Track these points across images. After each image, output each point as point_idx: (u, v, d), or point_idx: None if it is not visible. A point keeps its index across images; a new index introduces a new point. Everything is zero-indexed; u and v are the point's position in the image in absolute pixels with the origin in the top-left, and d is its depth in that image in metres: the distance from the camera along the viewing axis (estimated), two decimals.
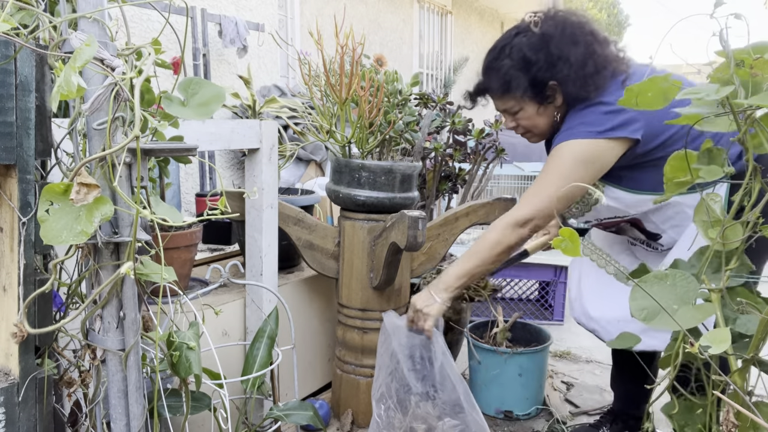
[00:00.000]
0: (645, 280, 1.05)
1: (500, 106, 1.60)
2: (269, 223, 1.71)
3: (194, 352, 1.08)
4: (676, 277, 1.04)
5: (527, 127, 1.59)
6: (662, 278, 1.05)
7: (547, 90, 1.50)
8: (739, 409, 0.89)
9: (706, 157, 1.07)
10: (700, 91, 0.96)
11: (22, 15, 1.00)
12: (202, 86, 1.01)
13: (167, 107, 0.97)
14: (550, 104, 1.53)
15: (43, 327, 0.96)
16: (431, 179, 2.36)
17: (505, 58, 1.51)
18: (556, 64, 1.46)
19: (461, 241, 3.29)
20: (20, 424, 0.97)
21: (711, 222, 1.06)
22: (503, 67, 1.50)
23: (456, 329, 2.27)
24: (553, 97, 1.52)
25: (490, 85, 1.56)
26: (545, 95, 1.51)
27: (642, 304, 1.03)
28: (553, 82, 1.48)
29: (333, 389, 2.00)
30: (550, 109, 1.54)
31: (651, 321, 1.01)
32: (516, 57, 1.49)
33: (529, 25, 1.51)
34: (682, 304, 1.01)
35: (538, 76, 1.48)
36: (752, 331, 0.98)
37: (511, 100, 1.54)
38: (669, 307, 1.00)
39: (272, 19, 4.58)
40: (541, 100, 1.52)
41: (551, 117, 1.56)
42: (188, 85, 1.00)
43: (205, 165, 3.74)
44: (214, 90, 1.01)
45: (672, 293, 1.02)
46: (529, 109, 1.54)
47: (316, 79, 1.88)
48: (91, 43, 0.85)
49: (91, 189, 0.87)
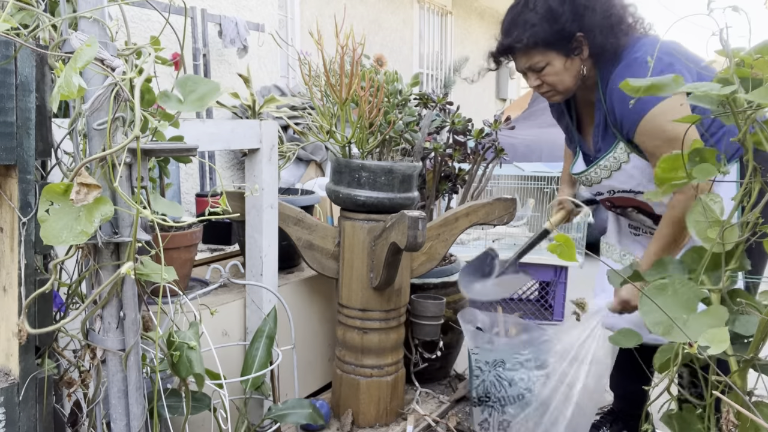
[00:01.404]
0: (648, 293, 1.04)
1: (525, 63, 1.57)
2: (269, 223, 1.72)
3: (195, 352, 1.09)
4: (675, 284, 1.03)
5: (553, 84, 1.56)
6: (663, 289, 1.04)
7: (574, 42, 1.49)
8: (739, 410, 0.89)
9: (697, 156, 1.07)
10: (703, 86, 0.96)
11: (22, 15, 1.00)
12: (199, 83, 1.01)
13: (165, 104, 0.98)
14: (576, 57, 1.52)
15: (43, 327, 0.96)
16: (431, 179, 2.36)
17: (529, 11, 1.49)
18: (583, 14, 1.45)
19: (461, 241, 3.30)
20: (20, 424, 0.97)
21: (710, 222, 1.06)
22: (529, 20, 1.48)
23: (456, 329, 2.27)
24: (581, 49, 1.51)
25: (516, 40, 1.53)
26: (572, 47, 1.50)
27: (656, 318, 1.01)
28: (580, 33, 1.48)
29: (333, 389, 2.00)
30: (576, 63, 1.53)
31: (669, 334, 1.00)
32: (541, 9, 1.48)
33: None
34: (689, 313, 1.00)
35: (566, 27, 1.47)
36: (751, 332, 0.98)
37: (538, 54, 1.52)
38: (679, 318, 0.99)
39: (272, 20, 4.58)
40: (568, 53, 1.51)
41: (578, 71, 1.54)
42: (185, 83, 1.00)
43: (205, 165, 3.74)
44: (209, 85, 1.02)
45: (676, 302, 1.01)
46: (557, 63, 1.52)
47: (316, 79, 1.88)
48: (92, 44, 0.85)
49: (92, 189, 0.87)
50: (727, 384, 0.97)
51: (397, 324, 1.91)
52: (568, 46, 1.50)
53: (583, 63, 1.54)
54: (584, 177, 1.70)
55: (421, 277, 2.15)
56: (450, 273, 2.27)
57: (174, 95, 0.98)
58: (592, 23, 1.46)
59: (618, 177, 1.61)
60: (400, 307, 1.91)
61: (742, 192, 1.03)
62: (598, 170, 1.63)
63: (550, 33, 1.48)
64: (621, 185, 1.63)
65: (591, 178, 1.67)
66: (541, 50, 1.51)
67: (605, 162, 1.60)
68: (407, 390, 2.16)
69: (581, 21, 1.46)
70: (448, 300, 2.19)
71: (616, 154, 1.56)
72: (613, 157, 1.57)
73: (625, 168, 1.57)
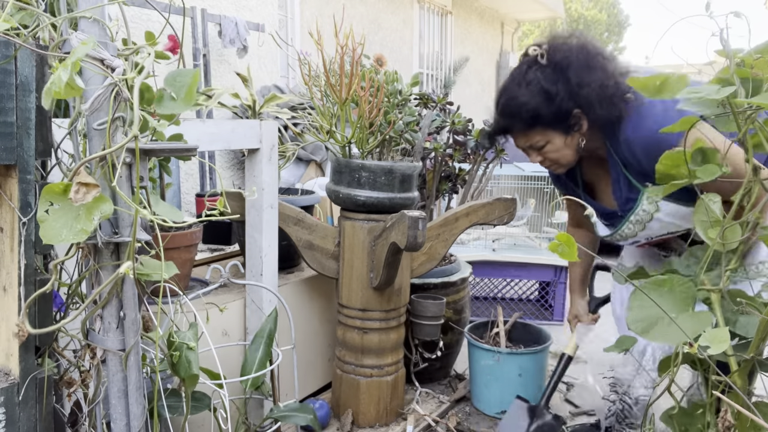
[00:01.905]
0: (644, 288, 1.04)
1: (524, 142, 1.56)
2: (269, 223, 1.71)
3: (193, 353, 1.09)
4: (674, 282, 1.03)
5: (555, 159, 1.56)
6: (660, 284, 1.04)
7: (572, 119, 1.47)
8: (739, 410, 0.89)
9: (700, 156, 1.07)
10: (701, 90, 0.96)
11: (22, 15, 1.00)
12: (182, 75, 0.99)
13: (159, 106, 0.97)
14: (576, 132, 1.50)
15: (44, 327, 0.96)
16: (431, 179, 2.37)
17: (524, 92, 1.47)
18: (578, 92, 1.43)
19: (461, 241, 3.30)
20: (20, 424, 0.97)
21: (711, 222, 1.06)
22: (525, 102, 1.47)
23: (456, 329, 2.27)
24: (579, 125, 1.49)
25: (513, 123, 1.52)
26: (571, 124, 1.48)
27: (638, 315, 1.02)
28: (577, 110, 1.46)
29: (333, 389, 2.00)
30: (576, 137, 1.52)
31: (647, 334, 1.00)
32: (535, 90, 1.46)
33: (536, 58, 1.48)
34: (680, 312, 1.00)
35: (563, 106, 1.45)
36: (751, 333, 0.98)
37: (537, 135, 1.51)
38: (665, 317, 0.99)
39: (272, 20, 4.58)
40: (567, 130, 1.49)
41: (577, 145, 1.53)
42: (174, 78, 0.99)
43: (205, 165, 3.73)
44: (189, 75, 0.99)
45: (670, 300, 1.02)
46: (557, 140, 1.51)
47: (316, 79, 1.88)
48: (87, 42, 0.85)
49: (91, 188, 0.87)
50: (727, 384, 0.97)
51: (397, 324, 1.91)
52: (567, 123, 1.48)
53: (582, 137, 1.52)
54: (617, 236, 1.64)
55: (421, 277, 2.15)
56: (450, 273, 2.28)
57: (167, 94, 0.98)
58: (589, 99, 1.43)
59: (653, 226, 1.56)
60: (400, 307, 1.91)
61: (742, 192, 1.03)
62: (630, 225, 1.58)
63: (547, 113, 1.46)
64: (658, 232, 1.59)
65: (625, 235, 1.62)
66: (540, 130, 1.50)
67: (635, 217, 1.55)
68: (407, 390, 2.16)
69: (577, 98, 1.44)
70: (448, 300, 2.19)
71: (644, 206, 1.51)
72: (642, 210, 1.53)
73: (657, 217, 1.52)
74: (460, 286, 2.30)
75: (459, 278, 2.28)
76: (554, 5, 9.31)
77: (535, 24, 21.78)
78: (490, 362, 2.07)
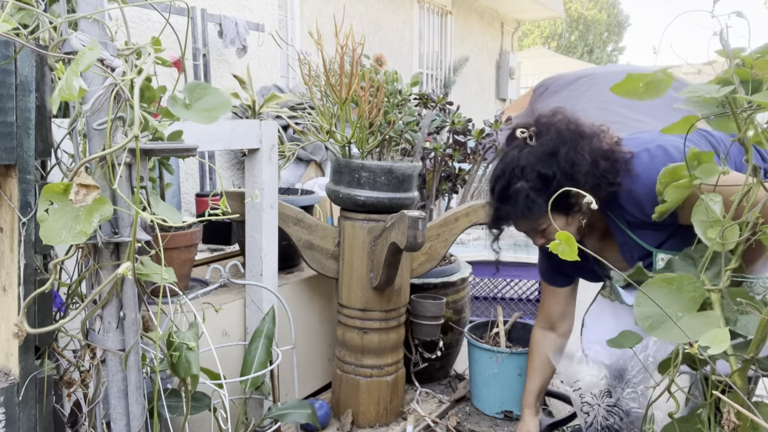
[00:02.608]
0: (650, 284, 1.04)
1: (524, 227, 1.54)
2: (269, 223, 1.71)
3: (193, 353, 1.09)
4: (682, 282, 1.03)
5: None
6: (668, 283, 1.03)
7: (571, 200, 1.44)
8: (739, 410, 0.89)
9: (696, 161, 1.07)
10: (700, 90, 0.96)
11: (22, 15, 1.00)
12: (208, 92, 0.99)
13: (171, 107, 0.97)
14: (576, 212, 1.49)
15: (43, 327, 0.96)
16: (431, 179, 2.37)
17: (519, 180, 1.45)
18: (573, 174, 1.41)
19: (461, 241, 3.29)
20: (20, 424, 0.97)
21: (710, 222, 1.06)
22: (521, 191, 1.44)
23: (456, 329, 2.27)
24: (579, 204, 1.47)
25: (511, 211, 1.49)
26: (570, 204, 1.46)
27: (647, 311, 1.01)
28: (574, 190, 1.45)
29: (333, 389, 2.00)
30: (577, 217, 1.50)
31: (655, 330, 1.00)
32: (531, 176, 1.43)
33: (525, 141, 1.47)
34: (686, 311, 1.00)
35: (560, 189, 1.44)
36: (752, 333, 0.98)
37: (536, 220, 1.49)
38: (673, 315, 0.99)
39: (272, 20, 4.58)
40: (567, 211, 1.48)
41: (579, 223, 1.51)
42: (194, 89, 0.99)
43: (205, 165, 3.73)
44: (220, 98, 0.99)
45: (677, 299, 1.01)
46: (558, 222, 1.48)
47: (316, 79, 1.88)
48: (94, 47, 0.85)
49: (91, 190, 0.87)
50: (727, 384, 0.97)
51: (397, 324, 1.91)
52: (566, 204, 1.45)
53: (583, 215, 1.50)
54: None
55: (421, 277, 2.15)
56: (450, 273, 2.27)
57: (180, 99, 0.98)
58: (586, 177, 1.40)
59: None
60: (400, 307, 1.91)
61: (742, 192, 1.03)
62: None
63: (546, 198, 1.41)
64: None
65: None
66: (539, 216, 1.47)
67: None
68: (407, 390, 2.16)
69: (572, 179, 1.41)
70: (448, 300, 2.19)
71: (660, 265, 1.50)
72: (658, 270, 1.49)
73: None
74: (460, 286, 2.30)
75: (459, 278, 2.28)
76: (554, 5, 9.31)
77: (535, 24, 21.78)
78: (490, 362, 2.06)
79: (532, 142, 1.46)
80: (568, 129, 1.46)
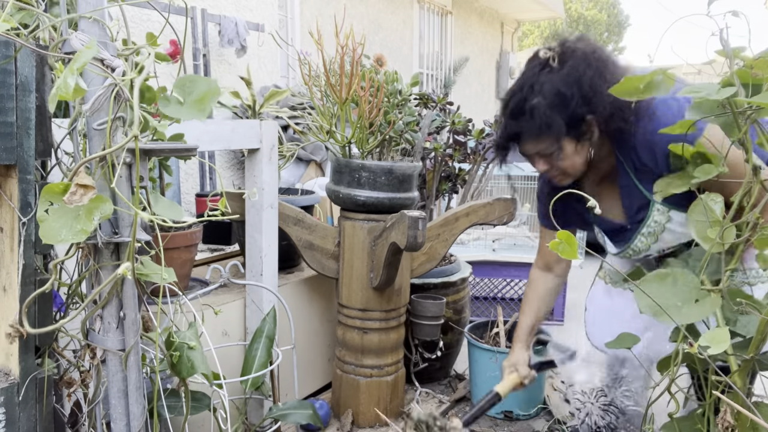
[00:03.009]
0: (647, 279, 1.05)
1: (533, 148, 1.49)
2: (269, 223, 1.71)
3: (196, 352, 1.08)
4: (677, 276, 1.04)
5: (564, 168, 1.49)
6: (663, 277, 1.04)
7: (584, 125, 1.42)
8: (739, 410, 0.89)
9: (700, 158, 1.07)
10: (701, 90, 0.96)
11: (22, 15, 1.00)
12: (197, 83, 0.98)
13: (165, 108, 0.97)
14: (587, 141, 1.45)
15: (43, 327, 0.96)
16: (431, 179, 2.37)
17: (536, 96, 1.40)
18: (592, 99, 1.38)
19: (461, 241, 3.29)
20: (20, 424, 0.97)
21: (710, 222, 1.06)
22: (537, 107, 1.39)
23: (456, 329, 2.27)
24: (591, 133, 1.43)
25: (524, 127, 1.44)
26: (583, 131, 1.43)
27: (650, 301, 1.03)
28: (590, 116, 1.40)
29: (333, 389, 2.00)
30: (586, 146, 1.46)
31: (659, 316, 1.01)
32: (549, 94, 1.39)
33: (547, 61, 1.42)
34: (684, 302, 1.01)
35: (576, 112, 1.39)
36: (752, 333, 0.98)
37: (547, 141, 1.44)
38: (674, 305, 1.00)
39: (272, 19, 4.58)
40: (579, 137, 1.43)
41: (587, 154, 1.47)
42: (184, 83, 0.98)
43: (205, 165, 3.73)
44: (207, 85, 0.98)
45: (674, 292, 1.02)
46: (567, 148, 1.44)
47: (316, 79, 1.88)
48: (91, 46, 0.85)
49: (88, 190, 0.87)
50: (727, 384, 0.97)
51: (397, 324, 1.91)
52: (579, 130, 1.42)
53: (592, 146, 1.47)
54: (629, 251, 1.60)
55: (421, 277, 2.15)
56: (450, 273, 2.27)
57: (173, 98, 0.97)
58: (603, 106, 1.37)
59: (665, 238, 1.52)
60: (400, 307, 1.91)
61: (742, 192, 1.03)
62: (642, 238, 1.54)
63: (561, 118, 1.39)
64: (671, 244, 1.55)
65: (638, 249, 1.58)
66: (551, 136, 1.42)
67: (647, 229, 1.51)
68: (407, 390, 2.16)
69: (591, 106, 1.38)
70: (448, 300, 2.19)
71: (655, 217, 1.48)
72: (653, 221, 1.49)
73: (669, 227, 1.48)
74: (460, 286, 2.30)
75: (459, 278, 2.28)
76: (554, 5, 9.31)
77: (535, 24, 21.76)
78: (490, 362, 2.06)
79: (554, 63, 1.41)
80: (594, 56, 1.42)
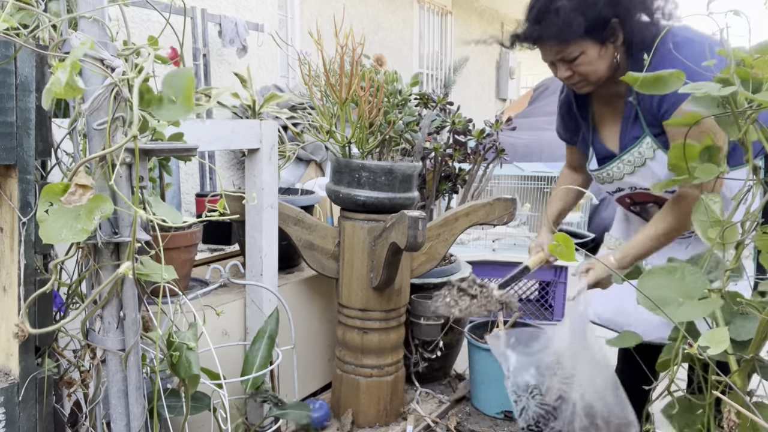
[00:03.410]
0: (654, 272, 1.05)
1: (555, 54, 1.48)
2: (269, 223, 1.71)
3: (193, 353, 1.08)
4: (685, 271, 1.04)
5: (585, 74, 1.49)
6: (671, 271, 1.04)
7: (609, 28, 1.42)
8: (739, 410, 0.89)
9: (706, 155, 1.07)
10: (703, 86, 0.96)
11: (22, 15, 1.00)
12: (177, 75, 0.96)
13: (159, 111, 0.96)
14: (611, 44, 1.45)
15: (44, 327, 0.96)
16: (431, 179, 2.37)
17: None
18: (617, 3, 1.40)
19: (461, 241, 3.29)
20: (20, 424, 0.97)
21: (710, 222, 1.06)
22: (562, 9, 1.39)
23: (456, 329, 2.27)
24: (615, 36, 1.44)
25: (547, 30, 1.43)
26: (607, 34, 1.43)
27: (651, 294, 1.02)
28: (615, 19, 1.41)
29: (333, 389, 2.00)
30: (610, 50, 1.46)
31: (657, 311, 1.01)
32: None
33: None
34: (687, 299, 1.00)
35: (602, 13, 1.40)
36: (749, 336, 0.98)
37: (571, 44, 1.44)
38: (674, 300, 0.99)
39: (272, 19, 4.58)
40: (603, 40, 1.44)
41: (611, 59, 1.48)
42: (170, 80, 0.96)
43: (205, 165, 3.73)
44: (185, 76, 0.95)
45: (679, 287, 1.02)
46: (591, 51, 1.45)
47: (316, 79, 1.88)
48: (86, 42, 0.85)
49: (87, 190, 0.87)
50: (727, 384, 0.97)
51: (397, 324, 1.91)
52: (603, 33, 1.42)
53: (617, 51, 1.47)
54: (605, 173, 1.63)
55: (421, 277, 2.15)
56: (450, 273, 2.27)
57: (166, 97, 0.97)
58: (628, 8, 1.39)
59: (642, 173, 1.56)
60: (400, 307, 1.91)
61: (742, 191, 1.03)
62: (621, 165, 1.57)
63: (586, 20, 1.39)
64: (644, 182, 1.58)
65: (612, 174, 1.61)
66: (575, 38, 1.43)
67: (629, 157, 1.54)
68: (407, 390, 2.16)
69: (617, 6, 1.39)
70: None
71: (642, 149, 1.51)
72: (638, 152, 1.52)
73: (649, 165, 1.52)
74: None
75: (459, 278, 2.28)
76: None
77: None
78: (490, 362, 2.06)
79: None
80: None
